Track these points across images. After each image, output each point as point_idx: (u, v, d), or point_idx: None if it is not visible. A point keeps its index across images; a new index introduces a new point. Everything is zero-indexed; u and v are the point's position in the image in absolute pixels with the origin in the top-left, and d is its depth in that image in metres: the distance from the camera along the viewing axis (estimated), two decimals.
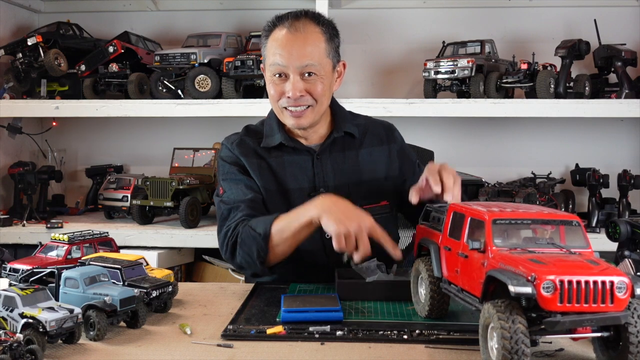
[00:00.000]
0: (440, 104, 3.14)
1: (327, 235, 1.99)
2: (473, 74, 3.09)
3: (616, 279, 1.13)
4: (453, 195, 1.73)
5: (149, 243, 3.17)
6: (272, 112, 2.09)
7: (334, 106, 2.10)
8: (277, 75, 1.94)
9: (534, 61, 3.14)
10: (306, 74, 1.92)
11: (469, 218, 1.34)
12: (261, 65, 2.06)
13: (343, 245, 1.69)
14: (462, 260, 1.34)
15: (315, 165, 2.03)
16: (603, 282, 1.12)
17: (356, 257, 1.71)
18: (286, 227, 1.82)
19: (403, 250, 2.40)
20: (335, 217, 1.71)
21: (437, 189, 1.74)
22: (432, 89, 3.24)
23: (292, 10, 1.98)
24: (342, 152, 2.07)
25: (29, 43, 3.35)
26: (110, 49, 3.37)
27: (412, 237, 2.41)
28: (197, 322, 1.58)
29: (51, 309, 1.36)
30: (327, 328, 1.46)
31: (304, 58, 1.90)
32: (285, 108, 1.96)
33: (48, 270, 1.59)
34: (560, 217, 1.30)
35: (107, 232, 1.94)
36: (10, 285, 1.52)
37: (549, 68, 3.15)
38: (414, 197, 1.80)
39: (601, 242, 1.74)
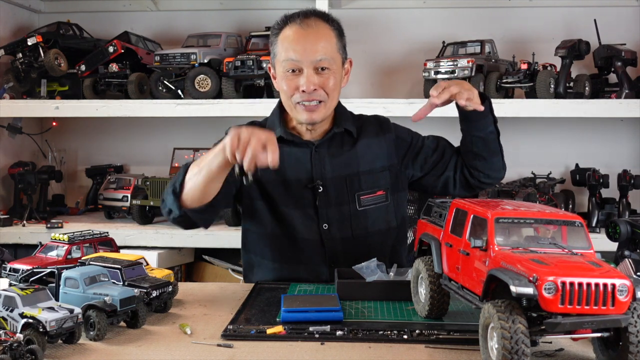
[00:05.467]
0: None
1: (325, 226, 2.01)
2: (473, 74, 3.08)
3: (618, 282, 1.13)
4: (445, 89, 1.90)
5: (149, 243, 3.17)
6: (275, 110, 2.13)
7: (337, 104, 2.13)
8: (291, 71, 1.97)
9: (534, 61, 3.13)
10: (320, 69, 1.96)
11: (472, 215, 1.34)
12: (268, 65, 2.08)
13: (235, 146, 1.67)
14: (463, 257, 1.33)
15: (313, 158, 2.06)
16: (605, 285, 1.12)
17: (245, 164, 1.66)
18: (206, 155, 1.85)
19: (403, 250, 2.39)
20: (237, 129, 1.70)
21: (434, 98, 1.92)
22: None
23: (295, 10, 2.02)
24: (341, 147, 2.09)
25: (29, 43, 3.34)
26: (110, 49, 3.36)
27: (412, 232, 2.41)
28: (197, 322, 1.58)
29: (51, 309, 1.36)
30: (327, 328, 1.46)
31: (318, 53, 1.95)
32: (299, 103, 1.99)
33: (48, 270, 1.59)
34: (563, 217, 1.29)
35: (107, 232, 1.94)
36: (10, 285, 1.52)
37: (549, 68, 3.15)
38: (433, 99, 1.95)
39: (601, 242, 1.73)
